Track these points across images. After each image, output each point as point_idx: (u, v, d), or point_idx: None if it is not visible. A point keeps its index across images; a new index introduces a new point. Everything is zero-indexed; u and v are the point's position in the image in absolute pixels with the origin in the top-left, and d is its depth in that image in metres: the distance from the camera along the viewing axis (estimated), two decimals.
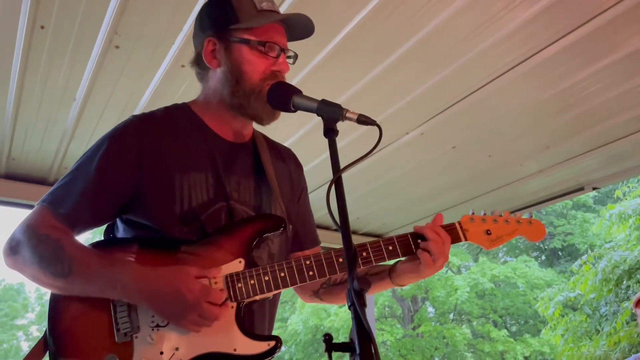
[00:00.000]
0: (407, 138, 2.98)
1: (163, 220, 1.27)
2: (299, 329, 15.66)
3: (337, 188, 1.01)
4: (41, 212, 1.28)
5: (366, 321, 0.77)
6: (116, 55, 2.20)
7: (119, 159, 1.30)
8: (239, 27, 1.32)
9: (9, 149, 2.94)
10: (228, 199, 1.34)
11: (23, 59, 2.23)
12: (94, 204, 1.28)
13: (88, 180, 1.28)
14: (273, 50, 1.33)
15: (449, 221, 1.43)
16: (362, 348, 0.75)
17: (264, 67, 1.32)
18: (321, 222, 4.32)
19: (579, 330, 7.92)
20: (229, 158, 1.38)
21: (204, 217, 1.30)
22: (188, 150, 1.34)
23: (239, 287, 1.25)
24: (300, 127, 2.88)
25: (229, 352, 1.21)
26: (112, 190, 1.28)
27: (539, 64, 2.37)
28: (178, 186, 1.29)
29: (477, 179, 3.55)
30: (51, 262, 1.20)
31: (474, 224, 1.42)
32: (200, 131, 1.38)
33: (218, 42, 1.34)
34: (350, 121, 1.16)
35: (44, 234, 1.23)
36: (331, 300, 1.54)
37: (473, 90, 2.58)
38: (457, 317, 17.42)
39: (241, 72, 1.32)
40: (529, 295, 15.97)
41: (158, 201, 1.28)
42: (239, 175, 1.38)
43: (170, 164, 1.30)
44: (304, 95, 1.26)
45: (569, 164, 3.29)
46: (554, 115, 2.82)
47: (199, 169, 1.33)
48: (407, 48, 2.27)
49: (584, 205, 18.31)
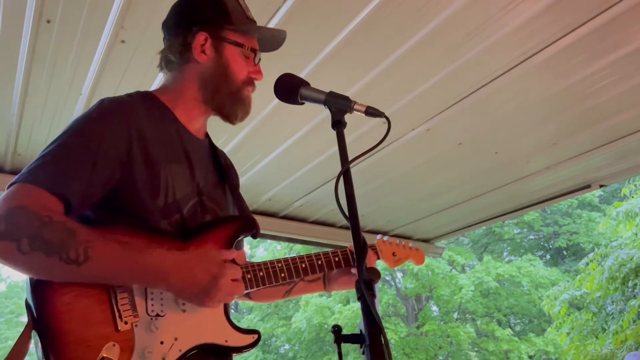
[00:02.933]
0: (413, 134, 2.96)
1: (146, 209, 1.23)
2: (302, 327, 15.67)
3: (345, 180, 1.00)
4: (31, 191, 1.10)
5: (376, 312, 0.76)
6: (122, 50, 2.19)
7: (115, 138, 1.21)
8: (233, 28, 1.37)
9: (14, 145, 2.94)
10: (200, 195, 1.36)
11: (29, 53, 2.23)
12: (94, 184, 1.17)
13: (82, 161, 1.16)
14: (256, 57, 1.42)
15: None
16: (372, 339, 0.74)
17: (247, 72, 1.40)
18: (325, 220, 4.32)
19: (585, 328, 7.87)
20: (197, 152, 1.40)
21: (185, 211, 1.30)
22: (166, 140, 1.32)
23: None
24: (305, 123, 2.86)
25: (221, 344, 1.26)
26: (105, 174, 1.19)
27: (547, 59, 2.36)
28: (163, 177, 1.26)
29: (483, 176, 3.54)
30: (61, 246, 1.07)
31: (385, 246, 1.72)
32: (173, 122, 1.37)
33: (210, 38, 1.37)
34: (358, 113, 1.15)
35: (46, 215, 1.08)
36: (261, 299, 1.70)
37: (480, 86, 2.56)
38: (461, 316, 17.38)
39: (229, 71, 1.37)
40: (533, 295, 15.91)
41: (144, 189, 1.23)
42: (205, 170, 1.41)
43: (154, 152, 1.27)
44: (311, 87, 1.25)
45: (576, 161, 3.27)
46: (561, 112, 2.80)
47: (178, 160, 1.32)
48: (412, 43, 2.26)
49: (589, 204, 18.23)
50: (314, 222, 4.29)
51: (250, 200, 3.84)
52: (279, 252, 18.15)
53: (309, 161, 3.32)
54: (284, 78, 1.29)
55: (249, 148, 3.12)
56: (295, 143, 3.07)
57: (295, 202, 3.92)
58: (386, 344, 0.74)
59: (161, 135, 1.30)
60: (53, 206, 1.11)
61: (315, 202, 3.93)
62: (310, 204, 3.96)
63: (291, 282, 1.58)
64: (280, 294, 1.69)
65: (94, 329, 1.11)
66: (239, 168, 3.39)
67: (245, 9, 1.41)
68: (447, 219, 4.31)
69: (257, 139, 3.02)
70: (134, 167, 1.22)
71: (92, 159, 1.16)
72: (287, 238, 4.33)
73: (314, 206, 4.01)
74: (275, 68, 1.42)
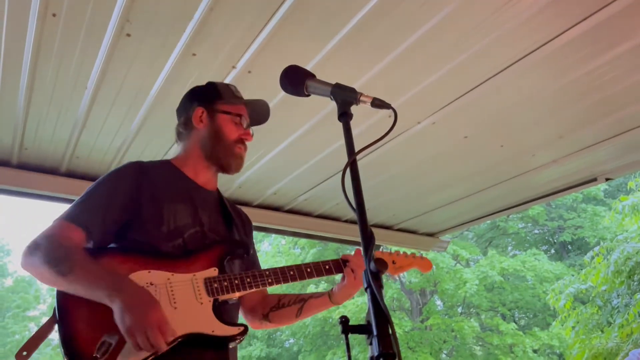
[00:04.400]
0: (419, 127, 2.95)
1: (153, 237, 1.61)
2: (307, 320, 15.72)
3: (352, 171, 1.00)
4: (60, 224, 1.58)
5: (383, 303, 0.76)
6: (127, 43, 2.19)
7: (121, 189, 1.67)
8: (223, 102, 1.85)
9: (21, 138, 2.95)
10: (202, 226, 1.72)
11: (35, 47, 2.23)
12: (107, 219, 1.60)
13: (99, 202, 1.63)
14: (243, 122, 1.86)
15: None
16: (380, 329, 0.74)
17: (237, 134, 1.82)
18: (330, 214, 4.32)
19: (590, 322, 7.85)
20: (202, 198, 1.80)
21: (186, 236, 1.66)
22: (173, 188, 1.75)
23: (215, 287, 1.60)
24: (311, 117, 2.86)
25: (208, 333, 1.52)
26: (119, 210, 1.62)
27: (554, 51, 2.34)
28: (166, 211, 1.66)
29: (489, 170, 3.52)
30: (57, 262, 1.48)
31: (384, 256, 1.94)
32: (180, 178, 1.80)
33: (205, 110, 1.84)
34: (364, 105, 1.14)
35: (61, 241, 1.53)
36: (279, 322, 1.91)
37: (486, 79, 2.54)
38: (465, 310, 17.39)
39: (221, 133, 1.80)
40: (538, 289, 15.90)
41: (150, 222, 1.63)
42: (209, 211, 1.79)
43: (160, 195, 1.69)
44: (317, 79, 1.25)
45: (582, 154, 3.25)
46: (567, 104, 2.79)
47: (182, 201, 1.72)
48: (417, 37, 2.24)
49: (594, 198, 18.17)
50: (319, 216, 4.29)
51: (255, 195, 3.86)
52: (283, 246, 18.19)
53: (314, 155, 3.32)
54: (289, 70, 1.30)
55: (254, 142, 3.11)
56: (300, 137, 3.06)
57: (300, 196, 3.92)
58: (394, 335, 0.74)
59: (168, 186, 1.74)
60: (74, 235, 1.55)
61: (321, 196, 3.93)
62: (315, 198, 3.96)
63: (299, 302, 1.88)
64: (293, 314, 1.89)
65: (97, 318, 1.43)
66: (244, 162, 3.42)
67: (234, 91, 1.90)
68: (452, 212, 4.30)
69: (262, 133, 3.02)
70: (141, 208, 1.64)
71: (106, 203, 1.63)
72: (292, 232, 4.33)
73: (319, 200, 4.01)
74: (286, 61, 1.42)
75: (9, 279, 24.94)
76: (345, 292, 1.81)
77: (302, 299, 1.88)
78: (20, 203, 16.83)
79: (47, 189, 3.24)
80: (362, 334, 0.78)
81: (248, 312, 1.94)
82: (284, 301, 1.89)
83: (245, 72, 2.42)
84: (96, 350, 1.35)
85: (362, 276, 0.84)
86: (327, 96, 1.19)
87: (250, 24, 2.14)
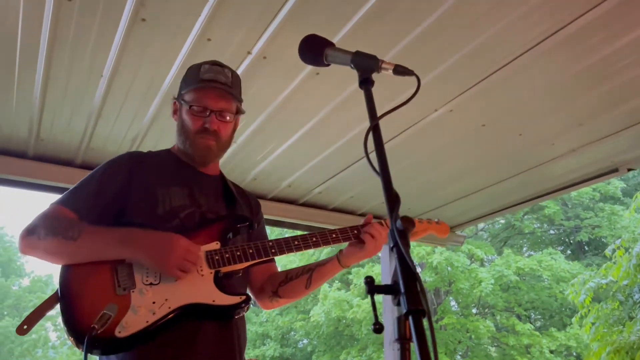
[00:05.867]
0: (435, 115, 2.91)
1: (150, 219, 1.61)
2: (321, 320, 15.67)
3: (375, 135, 0.97)
4: (54, 207, 1.62)
5: (411, 260, 0.73)
6: (142, 28, 2.18)
7: (114, 175, 1.70)
8: (187, 90, 1.75)
9: (37, 129, 2.96)
10: (200, 207, 1.71)
11: (51, 35, 2.24)
12: (97, 204, 1.63)
13: (91, 188, 1.67)
14: (203, 111, 1.71)
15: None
16: (407, 287, 0.71)
17: (197, 124, 1.72)
18: (345, 207, 4.29)
19: (610, 317, 7.68)
20: (201, 181, 1.78)
21: (182, 216, 1.65)
22: (168, 173, 1.75)
23: (216, 259, 1.59)
24: (325, 105, 2.83)
25: (209, 303, 1.53)
26: (110, 196, 1.65)
27: (572, 34, 2.27)
28: (160, 195, 1.66)
29: (506, 159, 3.46)
30: (64, 229, 1.52)
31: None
32: (177, 163, 1.79)
33: (177, 102, 1.81)
34: (385, 72, 1.11)
35: (59, 215, 1.59)
36: (289, 295, 1.85)
37: (504, 64, 2.49)
38: (480, 310, 17.22)
39: (183, 125, 1.76)
40: (554, 289, 15.66)
41: (144, 205, 1.64)
42: (207, 195, 1.76)
43: (154, 181, 1.69)
44: (337, 47, 1.22)
45: (604, 142, 3.17)
46: (588, 90, 2.72)
47: (177, 184, 1.72)
48: (432, 20, 2.20)
49: (612, 197, 17.87)
50: (333, 209, 4.27)
51: (270, 187, 3.84)
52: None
53: (328, 146, 3.29)
54: (308, 39, 1.27)
55: (268, 132, 3.10)
56: (315, 126, 3.04)
57: (315, 189, 3.90)
58: (422, 291, 0.71)
59: (163, 171, 1.74)
60: (69, 215, 1.59)
61: (336, 189, 3.90)
62: (330, 190, 3.93)
63: (307, 272, 1.83)
64: (302, 286, 1.83)
65: (98, 293, 1.48)
66: (259, 153, 3.41)
67: (202, 72, 1.73)
68: (469, 205, 4.24)
69: (275, 123, 3.00)
70: (133, 194, 1.65)
71: (97, 190, 1.67)
72: (306, 226, 4.30)
73: (334, 192, 3.98)
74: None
75: (25, 279, 25.27)
76: (358, 255, 1.77)
77: (309, 269, 1.83)
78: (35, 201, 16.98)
79: (62, 181, 3.26)
80: (388, 294, 0.75)
81: (258, 292, 1.90)
82: (291, 274, 1.85)
83: (261, 58, 2.40)
84: (96, 321, 1.38)
85: (388, 236, 0.80)
86: (347, 64, 1.16)
87: (266, 6, 2.12)
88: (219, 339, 1.57)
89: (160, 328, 1.47)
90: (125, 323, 1.43)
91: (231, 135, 1.81)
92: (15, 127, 2.95)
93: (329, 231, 1.75)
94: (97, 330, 1.37)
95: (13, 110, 2.80)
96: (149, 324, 1.45)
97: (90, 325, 1.37)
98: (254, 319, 18.31)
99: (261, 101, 2.75)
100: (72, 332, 1.43)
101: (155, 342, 1.46)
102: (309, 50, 1.25)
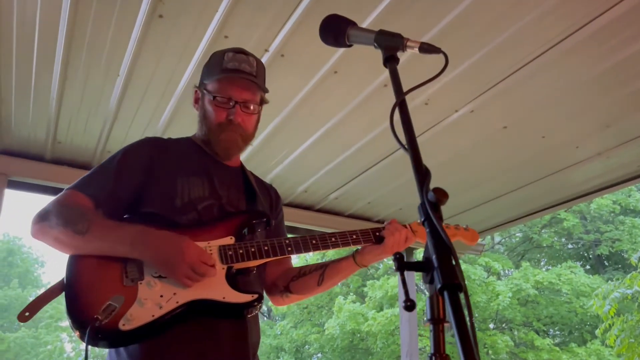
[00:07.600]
0: (456, 117, 2.84)
1: (167, 210, 1.56)
2: (335, 333, 15.49)
3: (402, 113, 0.92)
4: (69, 193, 1.56)
5: (444, 232, 0.68)
6: (160, 24, 2.17)
7: (134, 161, 1.63)
8: (210, 79, 1.68)
9: (54, 132, 2.96)
10: (220, 199, 1.65)
11: (68, 34, 2.23)
12: (114, 191, 1.56)
13: (110, 173, 1.59)
14: (227, 102, 1.65)
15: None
16: (442, 261, 0.65)
17: (221, 116, 1.65)
18: (362, 213, 4.22)
19: (636, 328, 7.42)
20: (222, 173, 1.72)
21: (200, 208, 1.60)
22: (188, 162, 1.69)
23: (229, 254, 1.53)
24: (342, 108, 2.79)
25: (219, 300, 1.47)
26: (128, 183, 1.59)
27: (597, 31, 2.21)
28: (179, 185, 1.61)
29: (529, 163, 3.37)
30: (74, 221, 1.46)
31: (420, 227, 1.74)
32: (198, 153, 1.73)
33: (199, 91, 1.74)
34: (411, 50, 1.07)
35: (72, 204, 1.52)
36: (300, 291, 1.78)
37: (525, 63, 2.42)
38: (498, 325, 16.89)
39: (205, 116, 1.69)
40: (574, 303, 15.30)
41: (163, 195, 1.58)
42: (228, 186, 1.70)
43: (173, 170, 1.63)
44: (359, 27, 1.17)
45: (631, 145, 3.07)
46: (615, 89, 2.63)
47: (197, 174, 1.66)
48: (452, 17, 2.15)
49: (633, 210, 17.50)
50: (349, 215, 4.21)
51: (286, 192, 3.79)
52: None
53: (345, 150, 3.24)
54: (330, 19, 1.22)
55: (283, 136, 3.07)
56: (331, 129, 2.99)
57: (331, 194, 3.85)
58: (458, 265, 0.65)
59: (184, 160, 1.68)
60: (84, 202, 1.52)
61: (352, 194, 3.84)
62: (347, 196, 3.88)
63: (320, 268, 1.76)
64: (314, 282, 1.76)
65: (105, 284, 1.43)
66: (274, 157, 3.37)
67: (226, 61, 1.66)
68: (489, 212, 4.14)
69: (292, 125, 2.97)
70: (154, 181, 1.60)
71: (116, 175, 1.59)
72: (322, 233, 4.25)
73: (350, 198, 3.92)
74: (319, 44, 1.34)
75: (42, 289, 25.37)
76: (376, 252, 1.69)
77: (323, 266, 1.76)
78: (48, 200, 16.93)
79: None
80: (419, 271, 0.69)
81: (270, 288, 1.82)
82: (304, 270, 1.78)
83: (278, 56, 2.37)
84: (100, 312, 1.34)
85: (418, 209, 0.75)
86: (370, 44, 1.11)
87: (283, 3, 2.09)
88: (232, 337, 1.51)
89: (167, 323, 1.41)
90: (130, 315, 1.38)
91: (255, 127, 1.74)
92: (33, 130, 2.96)
93: (350, 232, 1.69)
94: (100, 322, 1.33)
95: (30, 113, 2.80)
96: (155, 318, 1.40)
97: (94, 316, 1.33)
98: (268, 332, 18.17)
99: (278, 101, 2.72)
100: (74, 323, 1.37)
101: (162, 338, 1.41)
102: (330, 30, 1.20)
